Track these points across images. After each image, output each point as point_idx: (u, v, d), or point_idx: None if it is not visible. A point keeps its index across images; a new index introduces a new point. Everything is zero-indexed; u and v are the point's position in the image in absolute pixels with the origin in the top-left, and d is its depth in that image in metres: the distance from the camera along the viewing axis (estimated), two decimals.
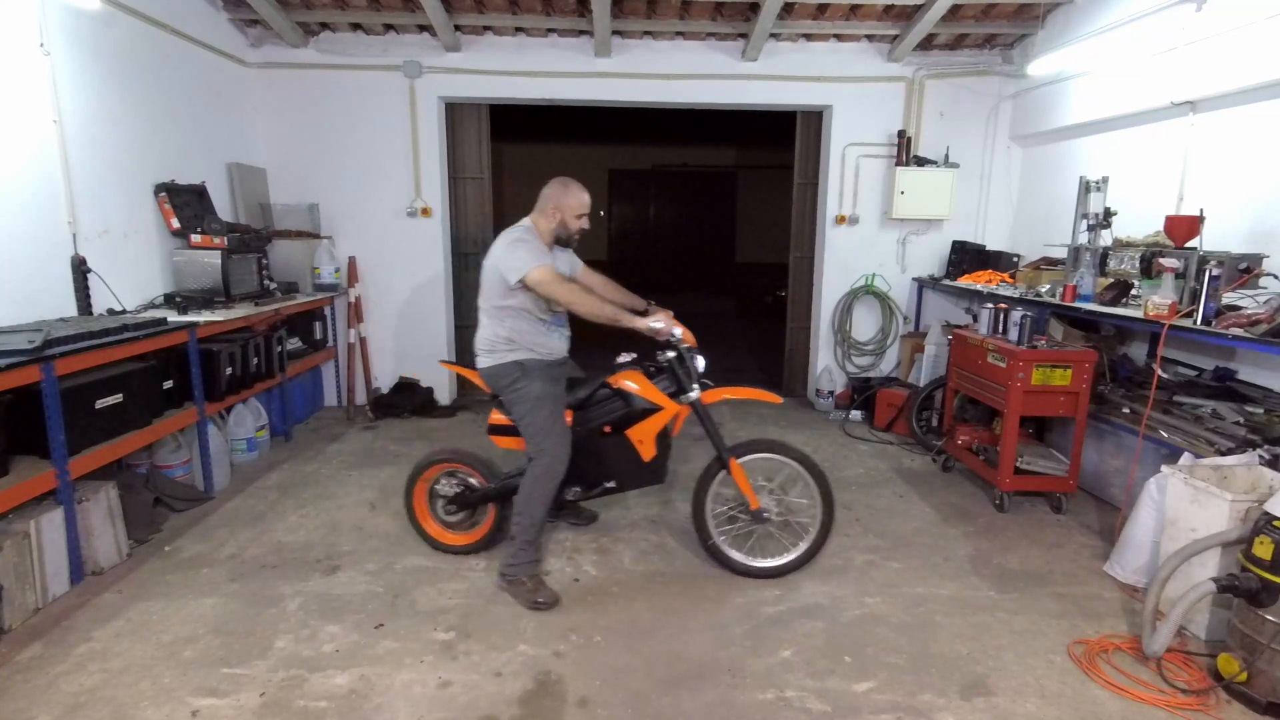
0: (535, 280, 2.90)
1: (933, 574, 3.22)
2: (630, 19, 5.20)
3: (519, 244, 2.96)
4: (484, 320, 3.07)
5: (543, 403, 2.98)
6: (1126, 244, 3.92)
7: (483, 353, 3.08)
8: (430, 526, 3.35)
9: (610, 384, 3.11)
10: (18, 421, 2.88)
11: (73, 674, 2.43)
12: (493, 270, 2.99)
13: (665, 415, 3.08)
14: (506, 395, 3.04)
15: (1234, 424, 3.20)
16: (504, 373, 3.03)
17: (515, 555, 2.99)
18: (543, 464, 2.95)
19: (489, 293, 3.03)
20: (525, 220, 3.10)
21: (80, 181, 3.66)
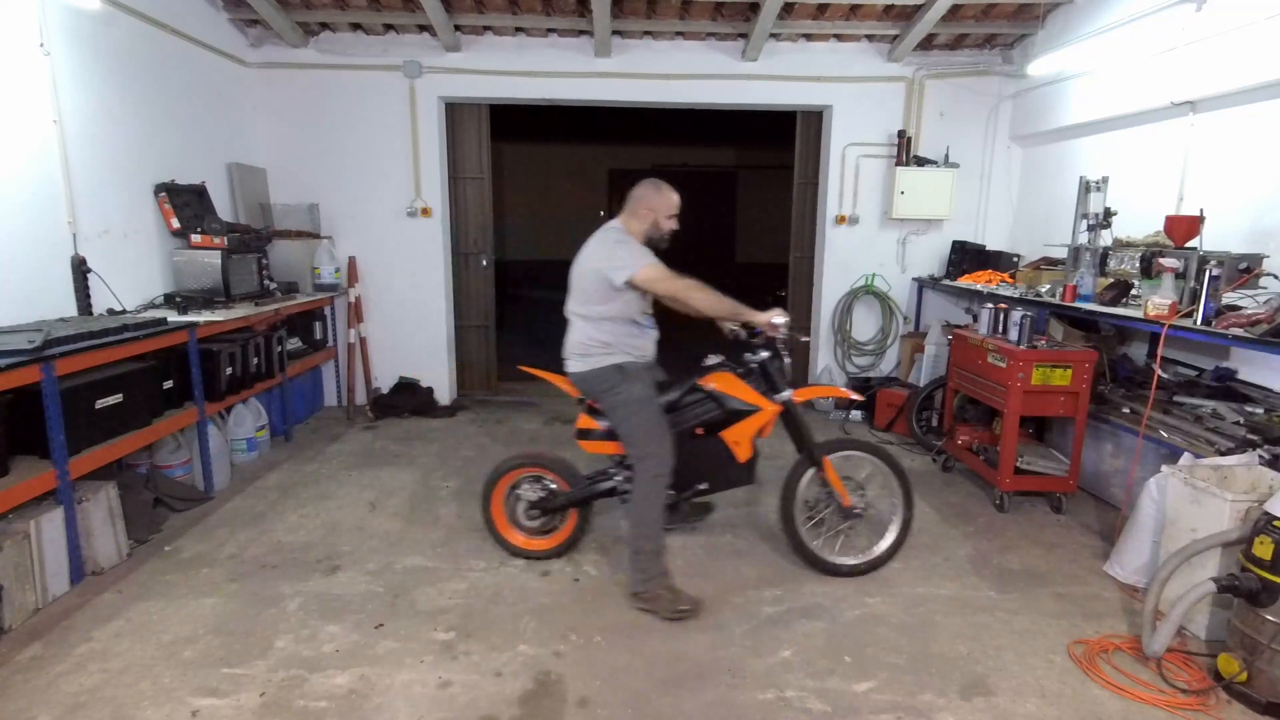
0: (646, 278, 2.85)
1: (933, 574, 3.22)
2: (630, 19, 5.20)
3: (621, 244, 2.91)
4: (577, 324, 3.00)
5: (646, 406, 2.95)
6: (1126, 244, 3.92)
7: (576, 357, 3.01)
8: (508, 532, 3.29)
9: (702, 386, 3.09)
10: (18, 421, 2.88)
11: (73, 674, 2.43)
12: (592, 273, 2.91)
13: (764, 417, 3.06)
14: (606, 400, 2.97)
15: (1234, 424, 3.20)
16: (603, 377, 2.96)
17: (644, 569, 2.89)
18: (650, 468, 2.90)
19: (585, 296, 2.96)
20: (614, 222, 3.04)
21: (80, 181, 3.66)
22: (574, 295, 3.01)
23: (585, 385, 3.03)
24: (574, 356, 3.02)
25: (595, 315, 2.95)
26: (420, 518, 3.75)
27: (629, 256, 2.87)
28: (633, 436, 2.94)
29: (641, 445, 2.92)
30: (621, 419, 2.96)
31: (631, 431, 2.94)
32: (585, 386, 3.03)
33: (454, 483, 4.26)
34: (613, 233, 2.98)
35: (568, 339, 3.05)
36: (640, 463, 2.92)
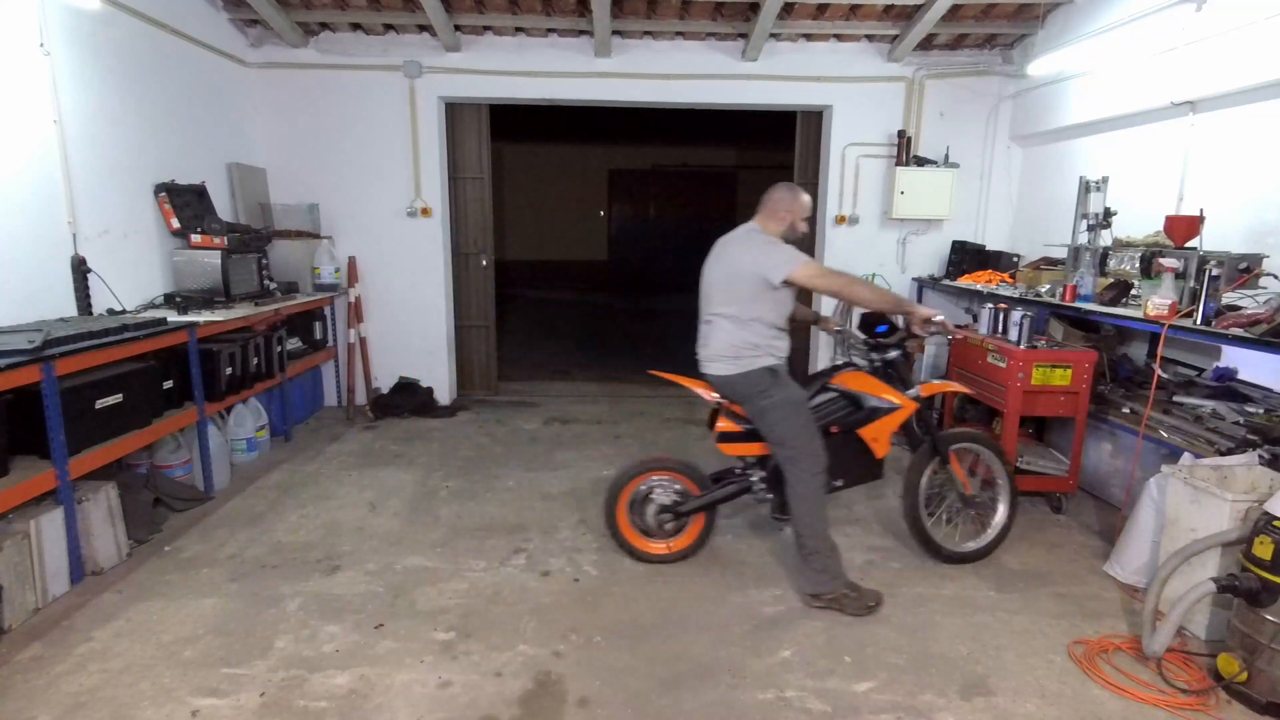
0: (807, 275, 2.87)
1: (933, 574, 3.22)
2: (630, 19, 5.20)
3: (773, 244, 2.95)
4: (725, 325, 2.98)
5: (800, 408, 2.96)
6: (1126, 244, 3.92)
7: (724, 359, 2.99)
8: (633, 537, 3.25)
9: (834, 385, 3.14)
10: (18, 421, 2.87)
11: (73, 674, 2.43)
12: (747, 274, 2.91)
13: (905, 413, 3.11)
14: (756, 402, 2.95)
15: (1234, 424, 3.20)
16: (753, 380, 2.95)
17: (824, 569, 2.91)
18: (807, 468, 2.92)
19: (737, 296, 2.95)
20: (751, 224, 3.06)
21: (80, 181, 3.66)
22: (718, 297, 3.01)
23: (733, 388, 3.01)
24: (720, 359, 3.00)
25: (746, 317, 2.94)
26: (420, 518, 3.75)
27: (785, 255, 2.89)
28: (786, 438, 2.94)
29: (795, 446, 2.92)
30: (775, 421, 2.94)
31: (785, 433, 2.94)
32: (733, 389, 3.01)
33: (454, 483, 4.26)
34: (757, 234, 3.01)
35: (709, 341, 3.03)
36: (794, 464, 2.93)
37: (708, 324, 3.06)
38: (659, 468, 3.22)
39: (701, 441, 5.09)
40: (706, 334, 3.07)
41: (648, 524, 3.22)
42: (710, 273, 3.07)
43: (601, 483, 4.24)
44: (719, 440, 3.14)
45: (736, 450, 3.17)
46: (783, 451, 2.97)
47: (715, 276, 3.04)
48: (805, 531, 2.93)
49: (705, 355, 3.07)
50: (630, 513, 3.23)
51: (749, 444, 3.13)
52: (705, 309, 3.08)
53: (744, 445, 3.14)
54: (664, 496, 3.20)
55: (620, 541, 3.26)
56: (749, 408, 3.01)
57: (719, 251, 3.09)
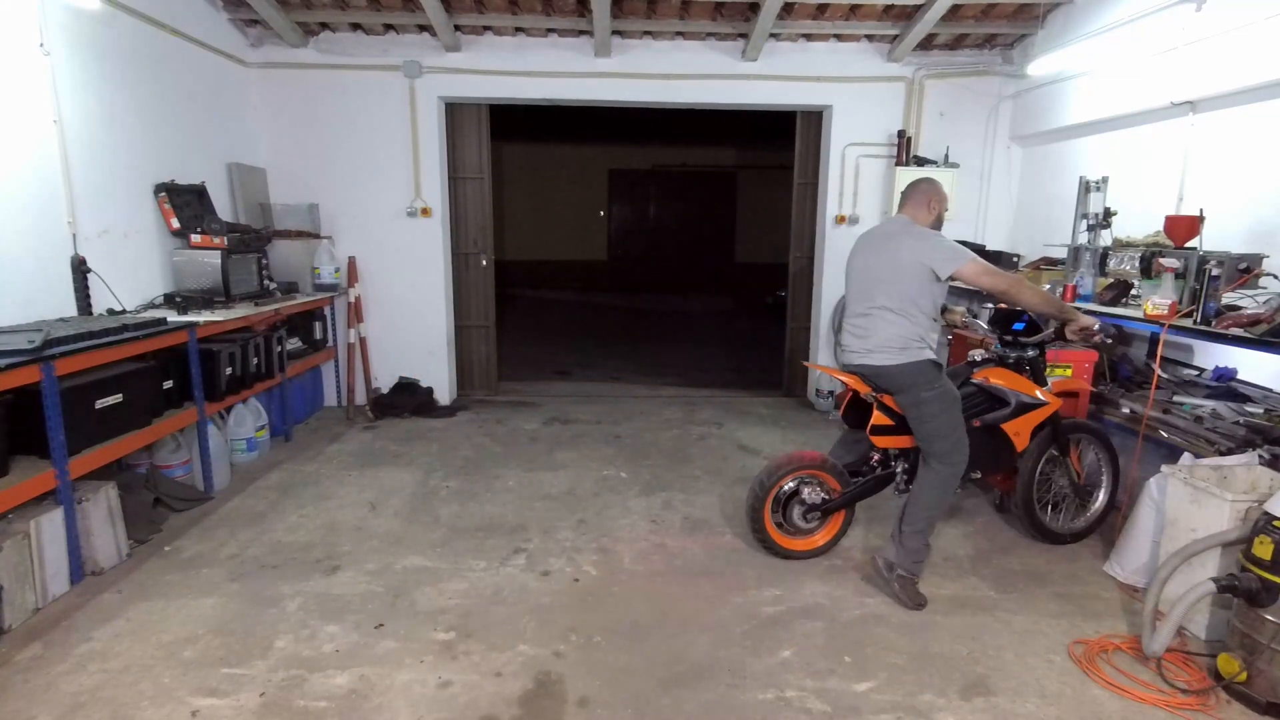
0: (974, 272, 2.90)
1: (933, 574, 3.22)
2: (630, 19, 5.20)
3: (939, 238, 2.97)
4: (890, 318, 2.98)
5: (956, 403, 3.00)
6: (1126, 244, 3.91)
7: (890, 350, 2.97)
8: (777, 536, 3.27)
9: (977, 380, 3.24)
10: (18, 421, 2.87)
11: (73, 674, 2.43)
12: (916, 266, 2.92)
13: (1049, 410, 3.23)
14: (916, 394, 2.95)
15: (1234, 424, 3.20)
16: (920, 371, 2.96)
17: (916, 552, 2.99)
18: (954, 463, 2.97)
19: (903, 289, 2.95)
20: (902, 217, 3.09)
21: (80, 181, 3.66)
22: (881, 290, 3.00)
23: (896, 379, 2.99)
24: (886, 350, 2.99)
25: (911, 309, 2.95)
26: (420, 518, 3.75)
27: (953, 250, 2.92)
28: (940, 432, 2.96)
29: (948, 441, 2.96)
30: (933, 414, 2.96)
31: (940, 427, 2.96)
32: (896, 380, 2.99)
33: (454, 483, 4.26)
34: (915, 227, 3.02)
35: (872, 333, 3.02)
36: (943, 458, 2.97)
37: (866, 316, 3.05)
38: (801, 467, 3.21)
39: (702, 442, 5.09)
40: (867, 326, 3.05)
41: (795, 524, 3.25)
42: (869, 265, 3.07)
43: (603, 482, 4.26)
44: (874, 433, 3.13)
45: (890, 443, 3.18)
46: (934, 445, 2.98)
47: (876, 268, 3.03)
48: (922, 517, 2.98)
49: (866, 346, 3.04)
50: (774, 513, 3.24)
51: (901, 436, 3.13)
52: (862, 302, 3.08)
53: (896, 438, 3.15)
54: (812, 495, 3.22)
55: (769, 544, 3.26)
56: (906, 398, 3.00)
57: (875, 244, 3.10)
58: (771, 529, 3.24)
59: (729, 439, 5.17)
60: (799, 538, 3.30)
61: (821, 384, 5.99)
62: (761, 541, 3.27)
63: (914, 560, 3.00)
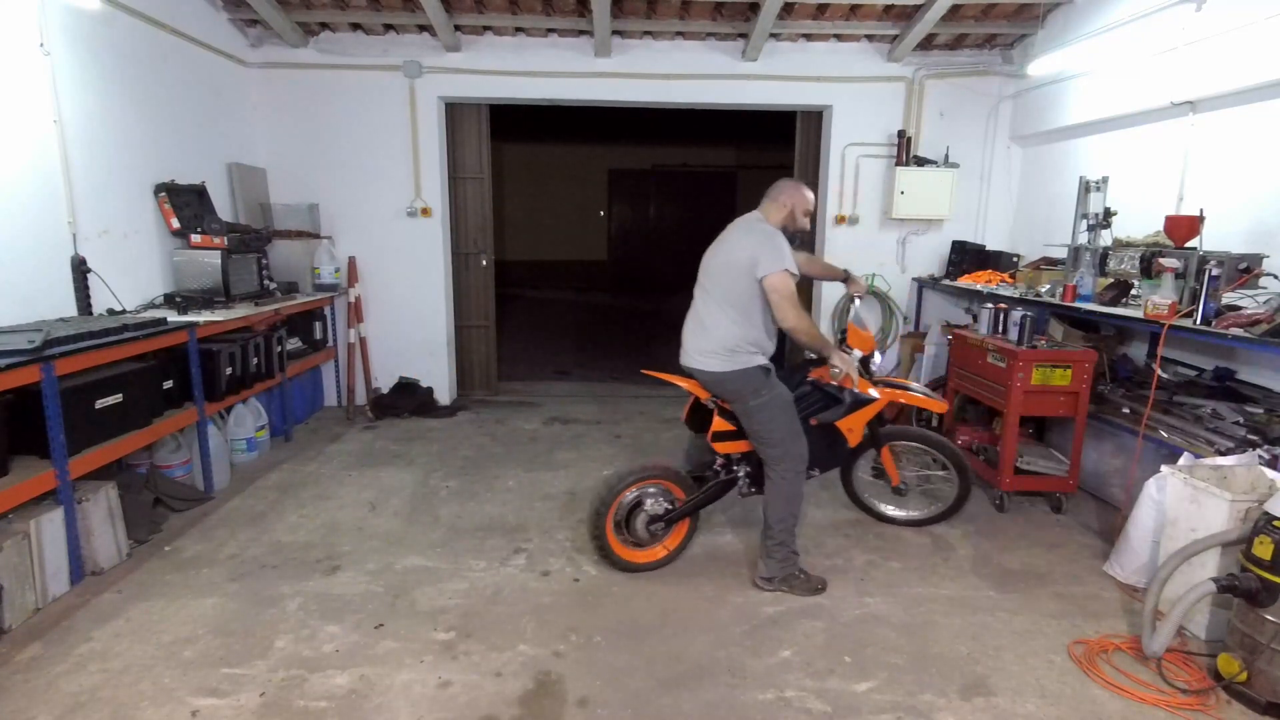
0: (777, 284, 2.82)
1: (933, 574, 3.22)
2: (630, 19, 5.20)
3: (776, 238, 2.89)
4: (724, 319, 2.91)
5: (788, 407, 2.97)
6: (1126, 244, 3.92)
7: (722, 354, 2.91)
8: (620, 549, 3.14)
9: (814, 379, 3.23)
10: (18, 421, 2.88)
11: (73, 674, 2.43)
12: (745, 264, 2.85)
13: (880, 405, 3.26)
14: (749, 400, 2.91)
15: (1234, 424, 3.20)
16: (750, 378, 2.91)
17: (784, 559, 3.00)
18: (794, 465, 2.96)
19: (737, 287, 2.88)
20: (756, 213, 3.04)
21: (80, 181, 3.66)
22: (718, 287, 2.93)
23: (726, 385, 2.94)
24: (714, 354, 2.92)
25: (746, 312, 2.90)
26: (420, 518, 3.75)
27: (780, 254, 2.83)
28: (775, 436, 2.94)
29: (784, 444, 2.94)
30: (766, 419, 2.93)
31: (775, 432, 2.94)
32: (726, 387, 2.95)
33: (454, 483, 4.26)
34: (761, 224, 2.97)
35: (703, 333, 2.96)
36: (780, 462, 2.96)
37: (703, 312, 2.98)
38: (644, 477, 3.12)
39: None
40: (699, 324, 2.98)
41: (638, 535, 3.14)
42: (710, 260, 3.01)
43: None
44: (715, 440, 3.11)
45: (730, 448, 3.16)
46: (770, 450, 2.97)
47: (715, 264, 2.97)
48: (778, 524, 2.98)
49: (696, 347, 2.98)
50: (617, 527, 3.13)
51: (742, 440, 3.12)
52: (701, 297, 3.01)
53: (737, 443, 3.14)
54: (655, 505, 3.12)
55: (611, 558, 3.15)
56: (738, 406, 2.98)
57: (721, 237, 3.05)
58: (614, 541, 3.11)
59: None
60: (643, 549, 3.19)
61: None
62: (603, 554, 3.14)
63: (785, 566, 3.02)
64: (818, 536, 3.58)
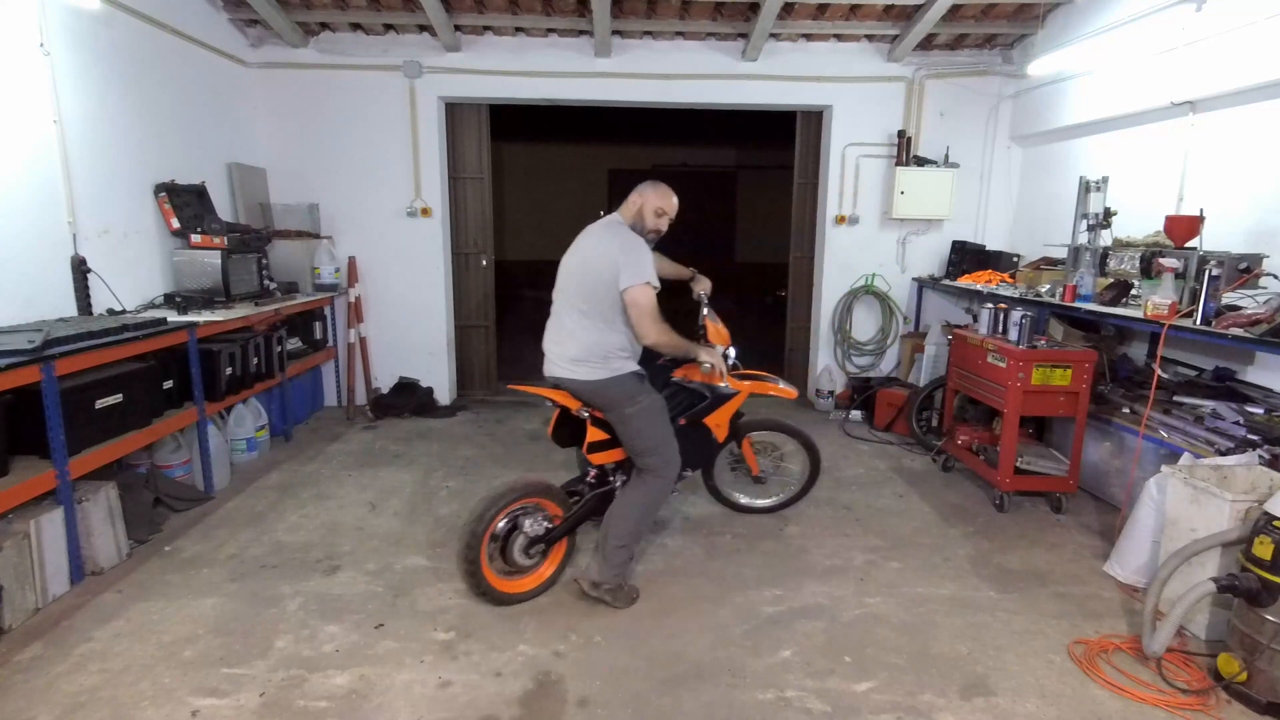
0: (638, 299, 2.69)
1: (933, 574, 3.22)
2: (630, 19, 5.20)
3: (638, 246, 2.77)
4: (589, 325, 2.77)
5: (662, 413, 2.89)
6: (1126, 244, 3.92)
7: (594, 361, 2.76)
8: (497, 581, 2.86)
9: (678, 379, 3.22)
10: (18, 421, 2.88)
11: (73, 674, 2.43)
12: (609, 270, 2.71)
13: (742, 398, 3.29)
14: (624, 408, 2.79)
15: (1234, 424, 3.20)
16: (624, 385, 2.79)
17: (620, 564, 2.89)
18: (667, 473, 2.88)
19: (600, 292, 2.74)
20: (616, 215, 2.96)
21: (80, 181, 3.66)
22: (577, 296, 2.78)
23: (601, 394, 2.80)
24: (584, 363, 2.77)
25: (610, 319, 2.77)
26: (420, 518, 3.75)
27: (639, 267, 2.71)
28: (651, 443, 2.84)
29: (659, 452, 2.86)
30: (641, 427, 2.82)
31: (651, 438, 2.84)
32: (600, 396, 2.81)
33: (454, 483, 4.26)
34: (620, 228, 2.87)
35: (568, 341, 2.80)
36: (656, 469, 2.87)
37: (566, 319, 2.82)
38: (518, 498, 2.84)
39: None
40: (565, 332, 2.82)
41: (517, 561, 2.88)
42: (570, 263, 2.85)
43: None
44: (591, 451, 2.96)
45: (606, 458, 3.03)
46: (646, 459, 2.86)
47: (575, 269, 2.82)
48: (628, 530, 2.85)
49: (564, 356, 2.80)
50: (491, 557, 2.84)
51: (616, 450, 2.99)
52: (563, 303, 2.84)
53: (612, 452, 3.00)
54: (535, 526, 2.86)
55: (488, 593, 2.82)
56: (613, 415, 2.82)
57: (583, 241, 2.90)
58: (490, 575, 2.81)
59: None
60: (521, 576, 2.93)
61: (821, 384, 5.99)
62: (478, 591, 2.82)
63: (617, 572, 2.89)
64: (818, 537, 3.58)
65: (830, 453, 4.89)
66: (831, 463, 4.68)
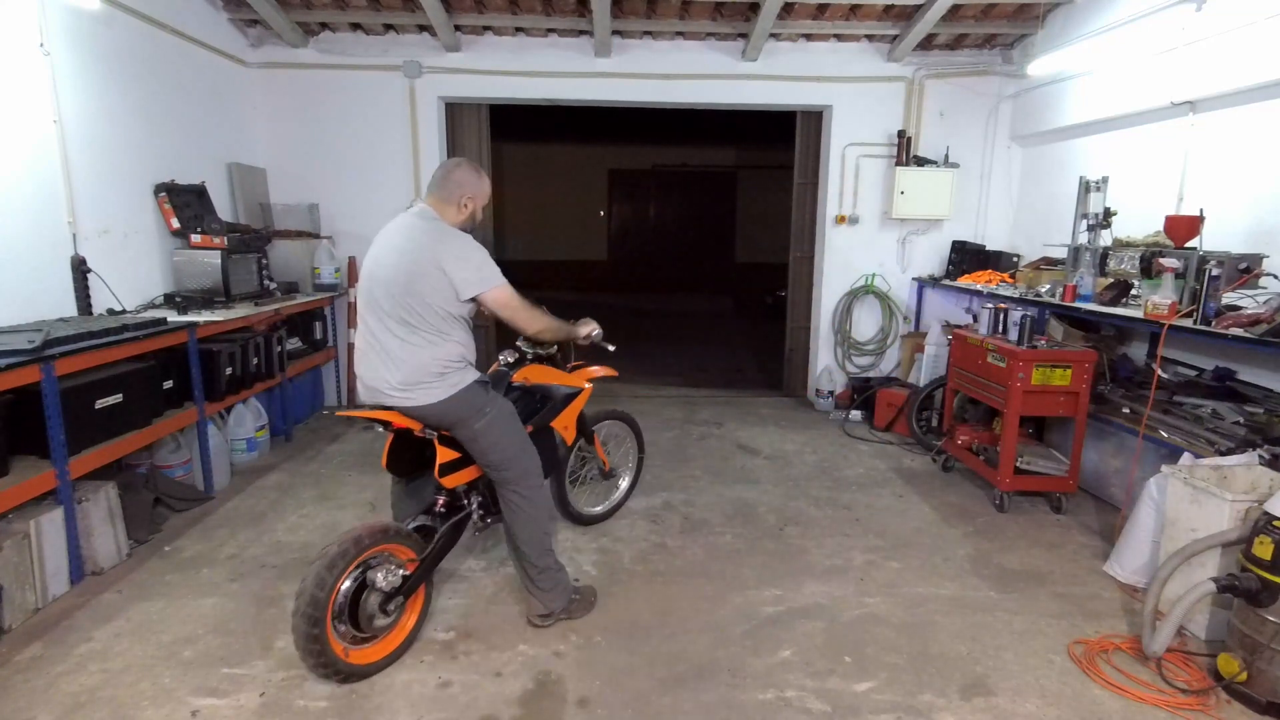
0: (499, 300, 2.46)
1: (933, 574, 3.22)
2: (630, 19, 5.20)
3: (469, 247, 2.46)
4: (417, 342, 2.40)
5: (513, 419, 2.64)
6: (1126, 244, 3.92)
7: (427, 385, 2.41)
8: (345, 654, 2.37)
9: (518, 382, 2.99)
10: (18, 421, 2.88)
11: (73, 674, 2.43)
12: (436, 276, 2.38)
13: (585, 396, 3.23)
14: (473, 423, 2.50)
15: (1234, 424, 3.20)
16: (471, 399, 2.48)
17: (554, 585, 2.70)
18: (532, 482, 2.65)
19: (428, 305, 2.38)
20: (424, 208, 2.53)
21: (80, 181, 3.66)
22: (398, 310, 2.39)
23: (449, 413, 2.47)
24: (422, 385, 2.41)
25: (442, 331, 2.42)
26: None
27: (481, 268, 2.44)
28: (509, 454, 2.58)
29: (519, 460, 2.61)
30: (495, 439, 2.54)
31: (508, 449, 2.58)
32: (448, 415, 2.47)
33: None
34: (439, 225, 2.48)
35: (395, 366, 2.40)
36: (517, 483, 2.61)
37: (388, 337, 2.41)
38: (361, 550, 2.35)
39: (702, 442, 5.09)
40: (385, 354, 2.42)
41: (373, 624, 2.41)
42: (382, 272, 2.44)
43: None
44: (442, 474, 2.61)
45: (459, 479, 2.70)
46: (505, 472, 2.59)
47: (392, 278, 2.40)
48: (534, 551, 2.64)
49: (392, 382, 2.41)
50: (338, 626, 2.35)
51: (468, 469, 2.70)
52: (379, 318, 2.42)
53: (465, 471, 2.69)
54: (389, 579, 2.41)
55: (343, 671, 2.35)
56: (462, 431, 2.52)
57: (394, 244, 2.47)
58: (340, 651, 2.35)
59: (729, 439, 5.17)
60: (377, 641, 2.47)
61: (821, 384, 5.99)
62: (330, 672, 2.32)
63: (561, 593, 2.73)
64: (818, 537, 3.58)
65: (830, 453, 4.89)
66: (831, 463, 4.68)
